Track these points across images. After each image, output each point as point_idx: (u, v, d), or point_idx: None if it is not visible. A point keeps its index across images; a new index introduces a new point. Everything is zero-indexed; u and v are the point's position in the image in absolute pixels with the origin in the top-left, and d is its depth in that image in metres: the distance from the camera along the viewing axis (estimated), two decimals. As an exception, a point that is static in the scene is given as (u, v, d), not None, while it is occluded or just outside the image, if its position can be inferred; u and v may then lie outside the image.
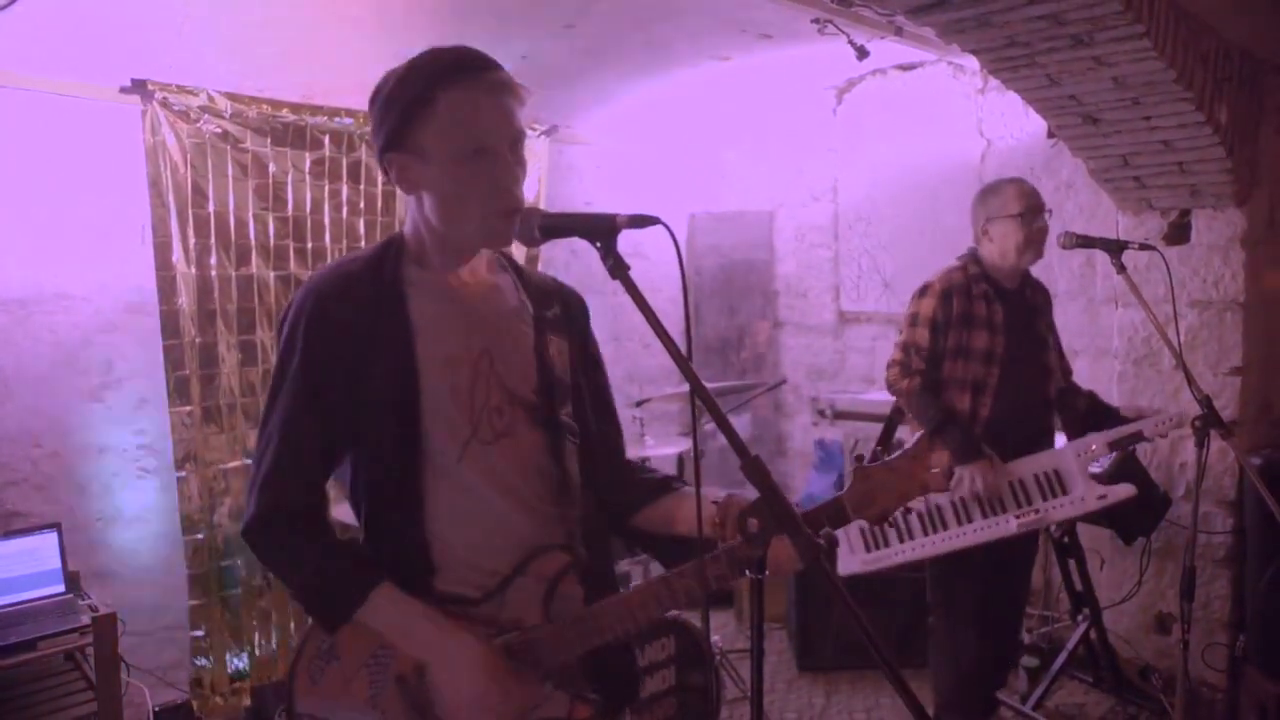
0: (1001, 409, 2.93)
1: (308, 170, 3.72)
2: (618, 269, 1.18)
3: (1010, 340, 2.94)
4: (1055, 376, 3.08)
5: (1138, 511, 3.32)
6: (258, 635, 3.69)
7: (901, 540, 2.94)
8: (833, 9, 3.24)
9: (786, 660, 4.16)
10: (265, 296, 3.65)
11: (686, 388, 1.18)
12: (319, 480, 1.46)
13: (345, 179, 3.85)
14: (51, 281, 3.29)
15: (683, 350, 1.16)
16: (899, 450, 1.42)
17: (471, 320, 1.46)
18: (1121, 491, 2.88)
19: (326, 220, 3.81)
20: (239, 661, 3.65)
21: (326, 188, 3.79)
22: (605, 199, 5.03)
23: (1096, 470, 3.15)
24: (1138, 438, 2.94)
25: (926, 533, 2.92)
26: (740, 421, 5.29)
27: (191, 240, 3.42)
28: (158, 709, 3.28)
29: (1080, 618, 3.63)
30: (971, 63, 3.47)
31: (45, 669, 2.92)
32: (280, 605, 3.75)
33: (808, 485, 4.99)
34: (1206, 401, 2.43)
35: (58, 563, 3.08)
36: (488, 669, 1.36)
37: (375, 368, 1.40)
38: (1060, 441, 3.14)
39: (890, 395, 3.15)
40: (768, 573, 1.19)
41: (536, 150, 4.53)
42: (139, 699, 3.26)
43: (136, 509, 3.49)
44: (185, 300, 3.41)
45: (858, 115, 4.95)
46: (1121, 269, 2.61)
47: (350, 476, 1.46)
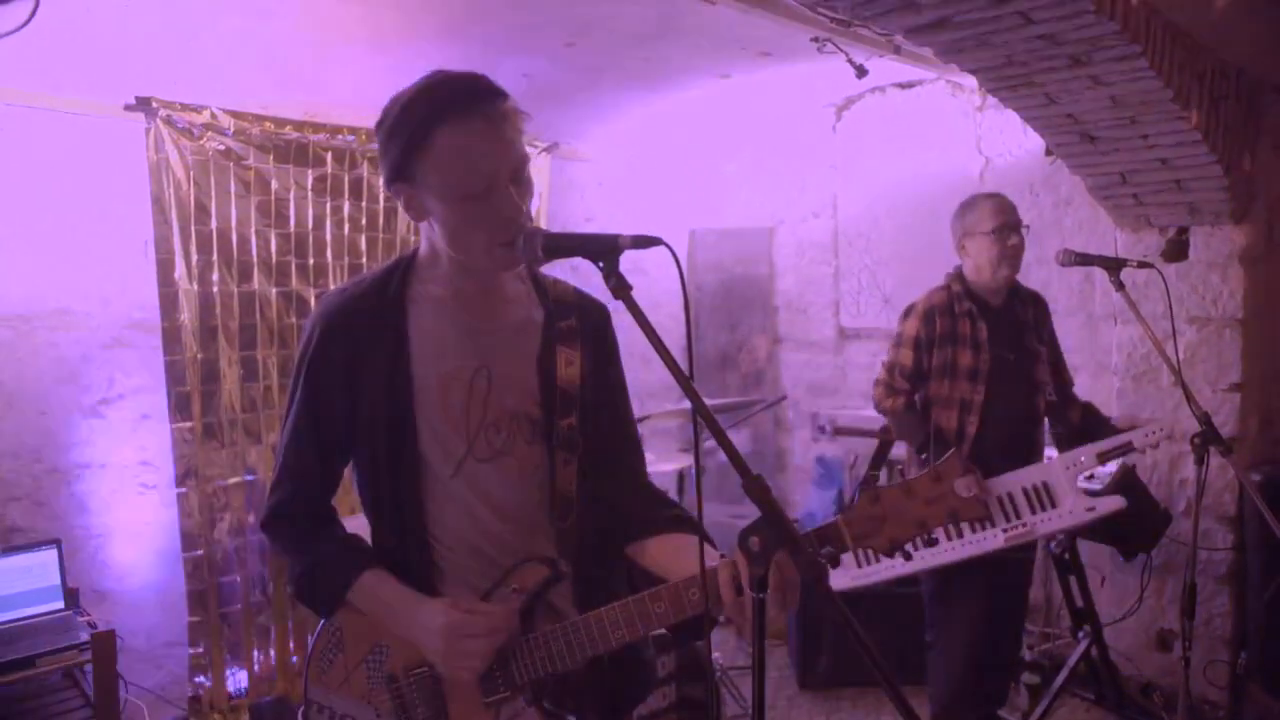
0: (989, 426, 2.96)
1: (310, 187, 3.74)
2: (620, 289, 1.19)
3: (995, 357, 2.96)
4: (1045, 390, 3.08)
5: (1138, 528, 3.32)
6: (257, 652, 3.68)
7: (878, 558, 2.96)
8: (832, 28, 3.26)
9: (787, 677, 4.15)
10: (267, 313, 3.66)
11: (687, 404, 1.19)
12: (323, 486, 1.56)
13: (347, 196, 3.86)
14: (54, 297, 3.30)
15: (684, 368, 1.16)
16: (919, 470, 1.29)
17: (472, 336, 1.47)
18: (1110, 504, 2.88)
19: (328, 236, 3.82)
20: (238, 679, 3.63)
21: (328, 204, 3.81)
22: (606, 215, 5.05)
23: (1097, 487, 3.15)
24: (1127, 448, 2.94)
25: (916, 547, 2.92)
26: (740, 437, 5.29)
27: (194, 256, 3.43)
28: (156, 726, 3.27)
29: (1081, 635, 3.62)
30: (970, 81, 3.49)
31: (43, 686, 2.91)
32: (279, 622, 3.74)
33: (807, 501, 4.99)
34: (1206, 418, 2.44)
35: (57, 579, 3.08)
36: (443, 628, 1.39)
37: (372, 384, 1.45)
38: (1050, 455, 3.15)
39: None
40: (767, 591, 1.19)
41: (538, 166, 4.54)
42: (137, 716, 3.25)
43: (136, 525, 3.49)
44: (187, 316, 3.42)
45: (857, 132, 4.97)
46: (1120, 286, 2.62)
47: (357, 485, 1.54)
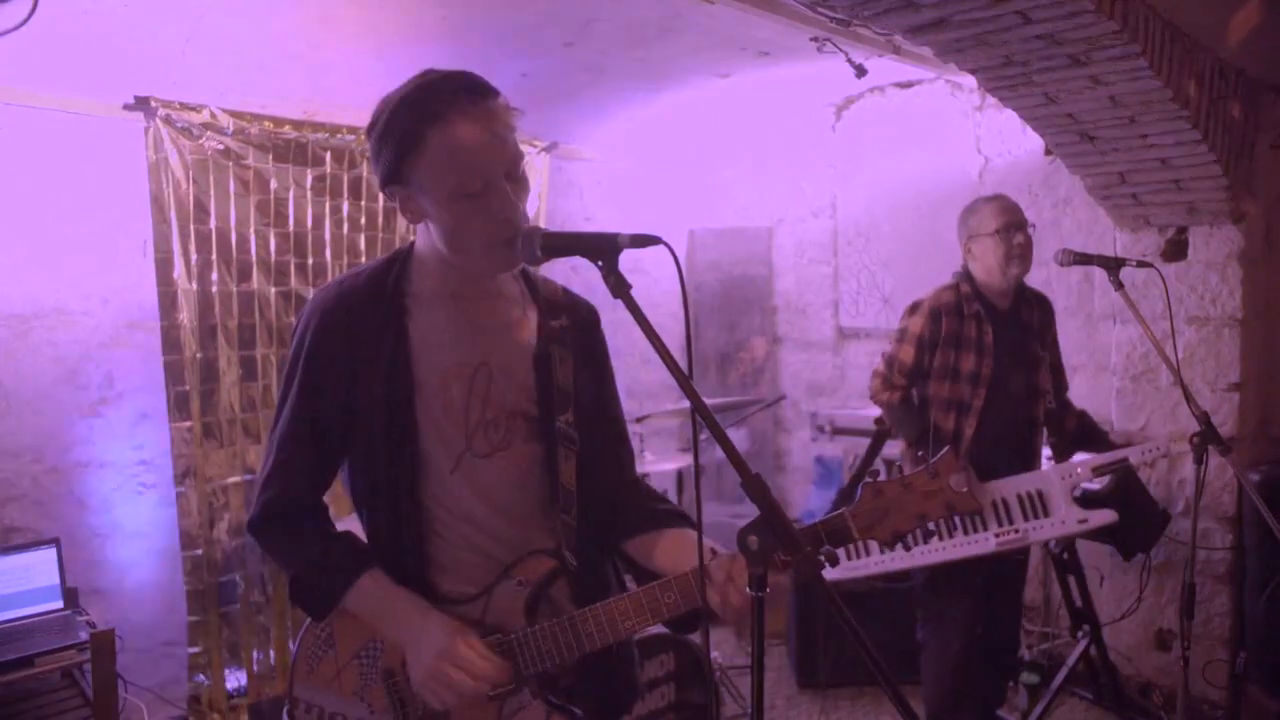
0: (986, 430, 2.96)
1: (309, 186, 3.73)
2: (619, 288, 1.19)
3: (999, 362, 2.96)
4: (1045, 397, 3.09)
5: (1137, 528, 3.33)
6: (256, 652, 3.67)
7: (881, 550, 2.97)
8: (831, 28, 3.26)
9: (786, 677, 4.15)
10: (266, 312, 3.66)
11: (687, 404, 1.19)
12: (316, 483, 1.53)
13: (346, 195, 3.86)
14: (52, 296, 3.30)
15: (683, 368, 1.16)
16: (922, 465, 1.33)
17: (470, 333, 1.47)
18: (1102, 517, 2.93)
19: (327, 236, 3.82)
20: (237, 678, 3.63)
21: (327, 204, 3.81)
22: (605, 215, 5.05)
23: (1095, 486, 3.16)
24: (1124, 464, 2.97)
25: (915, 541, 2.94)
26: (739, 437, 5.29)
27: (193, 256, 3.43)
28: (155, 726, 3.27)
29: (1080, 634, 3.62)
30: (969, 80, 3.50)
31: (42, 686, 2.91)
32: (279, 621, 3.74)
33: (806, 501, 4.99)
34: (1205, 418, 2.44)
35: (56, 579, 3.08)
36: (445, 643, 1.37)
37: (372, 380, 1.43)
38: (1046, 461, 3.17)
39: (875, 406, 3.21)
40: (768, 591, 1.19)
41: (536, 166, 4.55)
42: (136, 716, 3.25)
43: (135, 525, 3.49)
44: (186, 316, 3.42)
45: (856, 132, 4.97)
46: (1119, 286, 2.62)
47: (350, 482, 1.51)
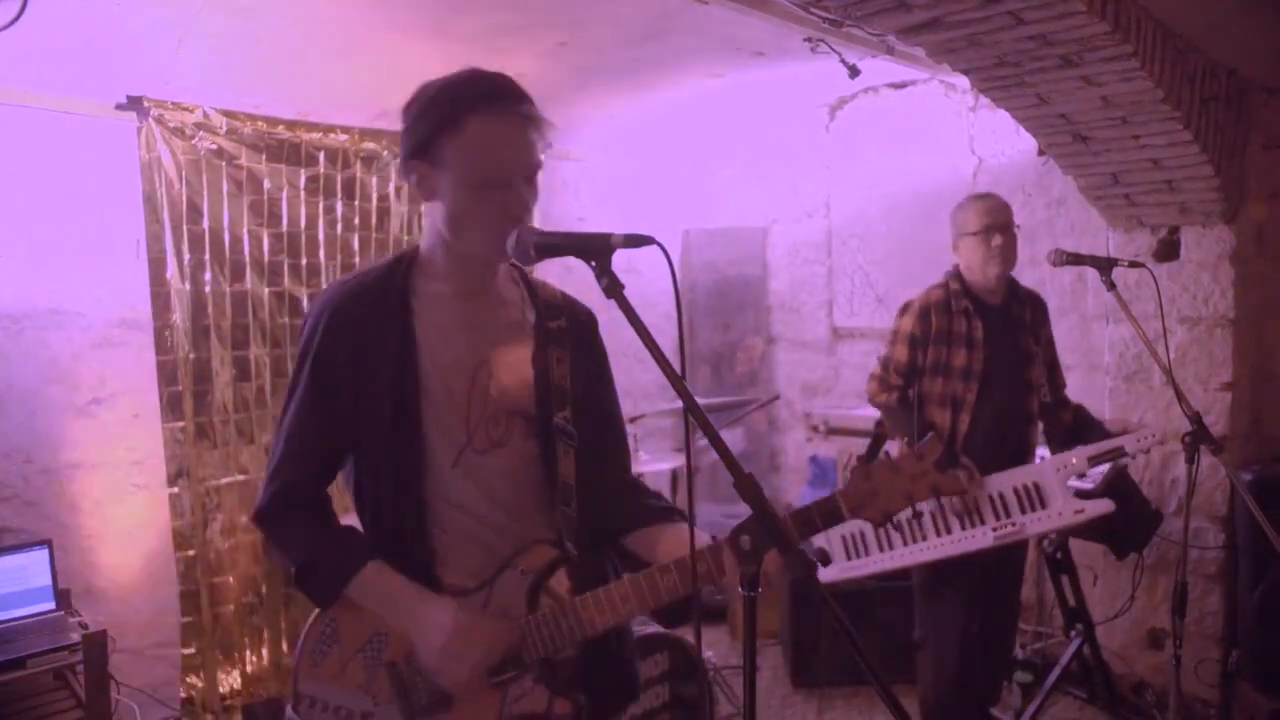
0: (980, 425, 2.98)
1: (302, 186, 3.73)
2: (612, 288, 1.19)
3: (990, 356, 2.98)
4: (1038, 391, 3.10)
5: (1130, 527, 3.33)
6: (249, 653, 3.67)
7: (881, 549, 2.98)
8: (825, 28, 3.26)
9: (780, 676, 4.15)
10: (259, 312, 3.65)
11: (681, 404, 1.19)
12: (322, 475, 1.56)
13: (339, 195, 3.86)
14: (45, 297, 3.29)
15: (677, 368, 1.17)
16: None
17: (473, 332, 1.52)
18: (1099, 507, 2.90)
19: (321, 236, 3.82)
20: (230, 679, 3.62)
21: (321, 204, 3.80)
22: (599, 215, 5.05)
23: (1089, 485, 3.17)
24: (1119, 453, 2.97)
25: (906, 543, 2.97)
26: (734, 436, 5.29)
27: (186, 256, 3.43)
28: (148, 727, 3.26)
29: (1073, 633, 3.63)
30: (963, 81, 3.50)
31: (34, 687, 2.90)
32: (272, 622, 3.73)
33: (801, 500, 4.99)
34: (1196, 418, 2.44)
35: (48, 580, 3.07)
36: (455, 628, 1.42)
37: (380, 375, 1.47)
38: (1042, 456, 3.17)
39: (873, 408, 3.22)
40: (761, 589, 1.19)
41: (531, 167, 4.54)
42: (129, 717, 3.24)
43: (128, 525, 3.48)
44: (179, 316, 3.41)
45: (850, 132, 4.98)
46: (1111, 286, 2.63)
47: (354, 476, 1.54)
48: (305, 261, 3.78)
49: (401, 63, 3.52)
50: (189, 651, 3.47)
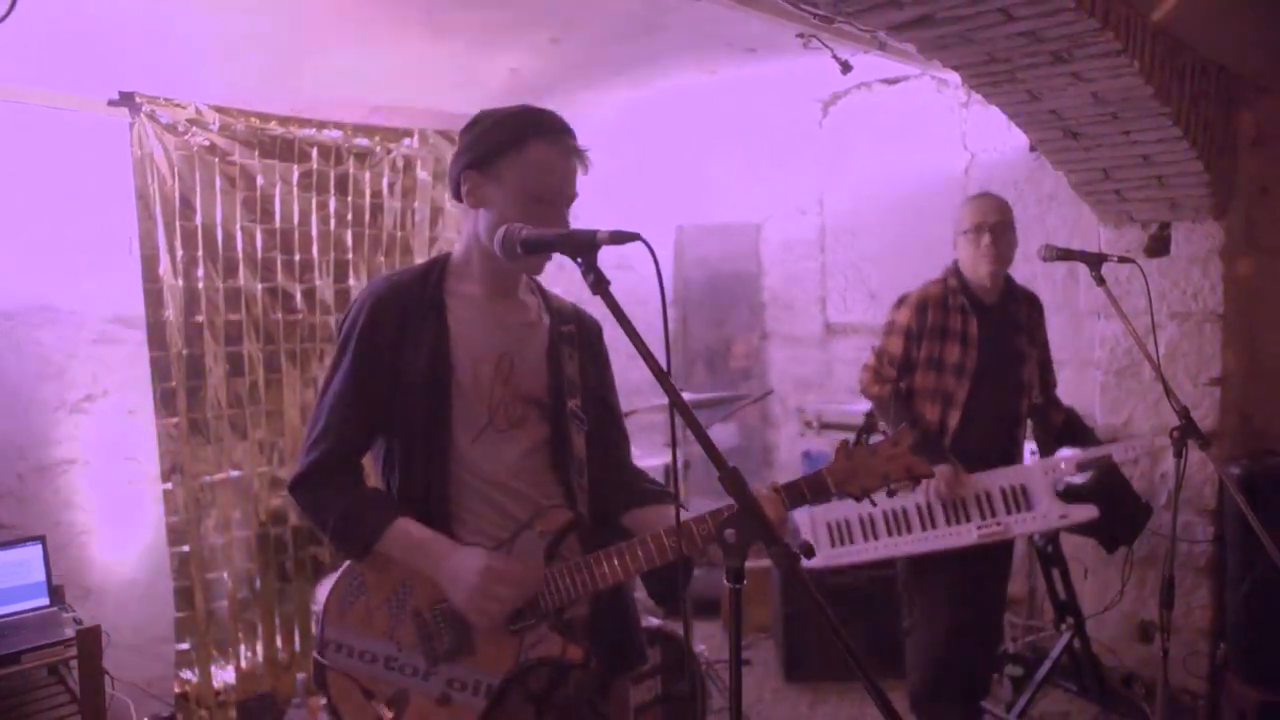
0: (969, 422, 3.00)
1: (295, 183, 3.73)
2: (598, 284, 1.21)
3: (983, 355, 2.99)
4: (1029, 392, 3.12)
5: (1120, 521, 3.36)
6: (244, 648, 3.68)
7: (866, 539, 3.02)
8: (816, 24, 3.27)
9: (773, 670, 4.17)
10: (253, 308, 3.65)
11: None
12: (358, 446, 1.72)
13: (333, 191, 3.85)
14: (37, 293, 3.28)
15: (663, 363, 1.18)
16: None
17: (498, 328, 1.71)
18: (1082, 513, 2.99)
19: (314, 232, 3.81)
20: (225, 675, 3.63)
21: (314, 200, 3.80)
22: (592, 212, 5.01)
23: (1079, 480, 3.19)
24: (1106, 461, 3.02)
25: (891, 534, 3.02)
26: (727, 432, 5.31)
27: (179, 252, 3.43)
28: (142, 722, 3.26)
29: (1064, 627, 3.66)
30: (955, 77, 3.51)
31: (29, 682, 2.90)
32: (267, 618, 3.74)
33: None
34: (1184, 412, 2.46)
35: (42, 575, 3.07)
36: (484, 561, 1.57)
37: (417, 360, 1.65)
38: (1029, 456, 3.21)
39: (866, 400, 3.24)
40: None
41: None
42: (124, 713, 3.24)
43: (122, 521, 3.48)
44: (172, 312, 3.41)
45: (843, 128, 4.99)
46: (1101, 281, 2.64)
47: (384, 451, 1.71)
48: (298, 257, 3.77)
49: (394, 59, 3.53)
50: (183, 647, 3.48)
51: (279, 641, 3.77)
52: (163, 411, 3.41)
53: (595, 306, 1.74)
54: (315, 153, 3.78)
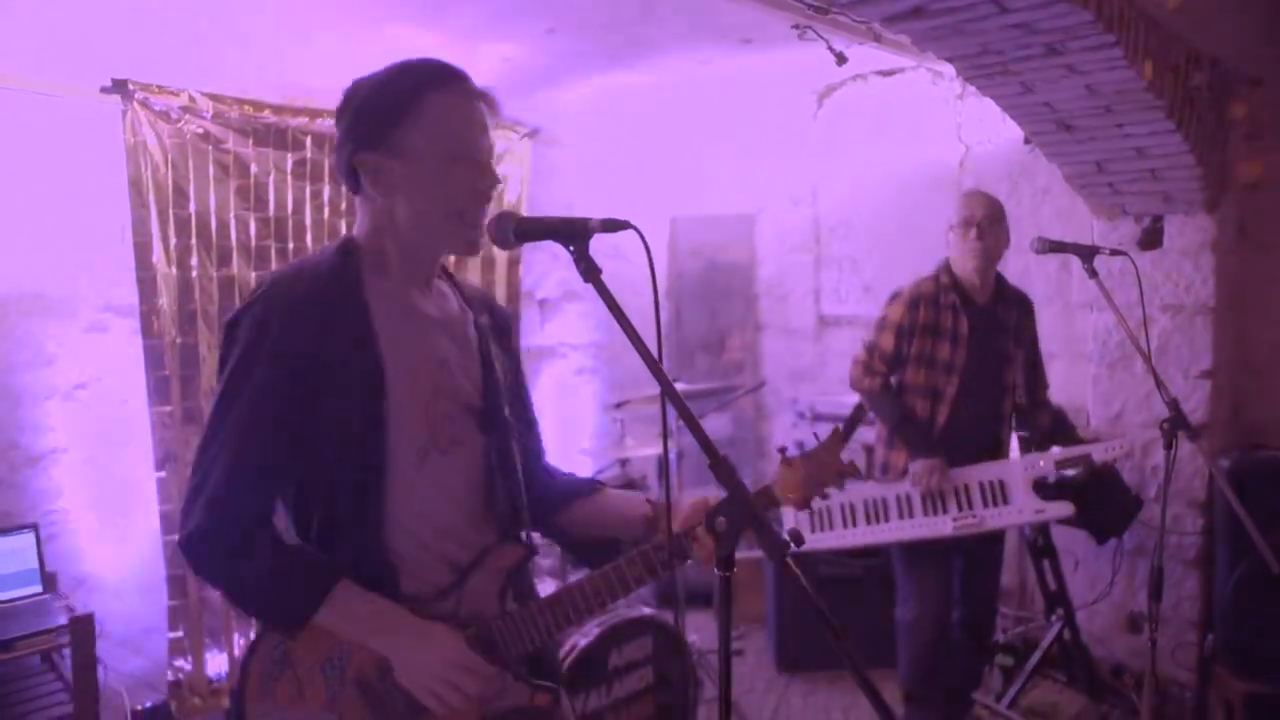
0: (956, 419, 3.05)
1: (289, 171, 3.72)
2: (590, 273, 1.21)
3: (972, 354, 3.03)
4: (1014, 392, 3.16)
5: (1110, 513, 3.38)
6: (237, 636, 3.68)
7: (845, 526, 3.06)
8: (811, 15, 3.27)
9: (766, 660, 4.19)
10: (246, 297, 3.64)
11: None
12: (272, 493, 1.41)
13: (327, 180, 3.85)
14: (29, 281, 3.27)
15: (654, 352, 1.18)
16: (815, 443, 1.56)
17: (427, 330, 1.48)
18: (1058, 510, 3.05)
19: (308, 221, 3.81)
20: (219, 663, 3.63)
21: (308, 189, 3.79)
22: (587, 202, 5.04)
23: (1070, 472, 3.21)
24: (1086, 460, 3.06)
25: (869, 522, 3.07)
26: (720, 423, 5.32)
27: (172, 240, 3.42)
28: (135, 711, 3.27)
29: (1054, 617, 3.68)
30: (950, 69, 3.51)
31: (21, 670, 2.91)
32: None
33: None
34: (1174, 404, 2.47)
35: (35, 563, 3.08)
36: (454, 652, 1.39)
37: (343, 377, 1.38)
38: (1014, 455, 3.25)
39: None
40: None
41: (518, 153, 4.54)
42: (117, 701, 3.25)
43: (115, 510, 3.48)
44: (165, 301, 3.40)
45: (838, 120, 4.99)
46: (1093, 273, 2.64)
47: (298, 491, 1.42)
48: (293, 246, 3.77)
49: (390, 46, 3.51)
50: (177, 635, 3.48)
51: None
52: (156, 400, 3.40)
53: (576, 299, 1.74)
54: (309, 141, 3.77)
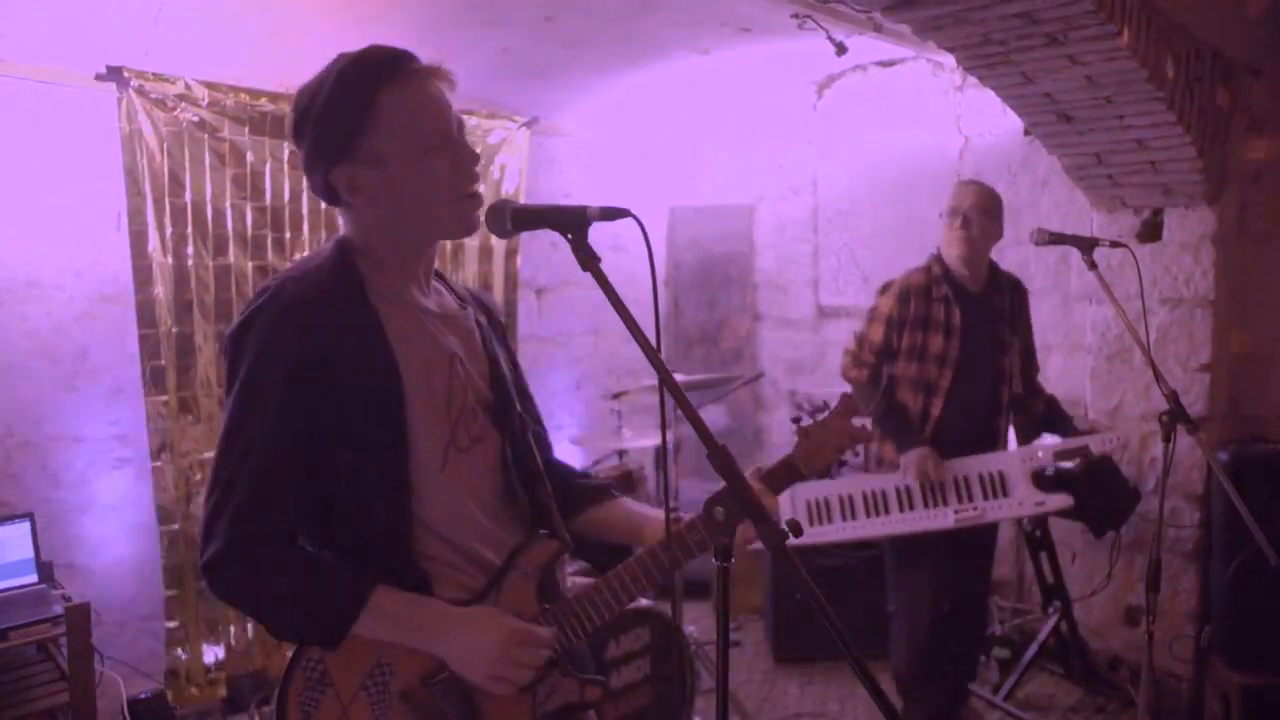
0: (952, 410, 3.04)
1: (286, 160, 3.70)
2: (588, 261, 1.20)
3: (965, 344, 3.03)
4: (1011, 381, 3.15)
5: (1108, 505, 3.38)
6: (233, 626, 3.68)
7: (845, 519, 3.06)
8: (812, 4, 3.25)
9: (763, 652, 4.19)
10: (243, 286, 3.63)
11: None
12: (294, 511, 1.36)
13: (324, 169, 3.82)
14: (24, 269, 3.26)
15: (653, 342, 1.17)
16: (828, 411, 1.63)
17: (433, 326, 1.46)
18: (1058, 501, 3.04)
19: (304, 210, 3.79)
20: (215, 652, 3.63)
21: (304, 177, 3.76)
22: (586, 192, 5.03)
23: (1068, 465, 3.22)
24: (1084, 451, 3.06)
25: (869, 515, 3.05)
26: (718, 414, 5.32)
27: (168, 229, 3.40)
28: (132, 700, 3.26)
29: (1051, 610, 3.69)
30: (950, 60, 3.49)
31: (17, 659, 2.91)
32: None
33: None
34: (1173, 397, 2.46)
35: (30, 553, 3.07)
36: (505, 629, 1.38)
37: (359, 378, 1.35)
38: (1011, 444, 3.25)
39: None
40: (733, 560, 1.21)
41: (517, 142, 4.52)
42: (113, 690, 3.25)
43: (111, 499, 3.47)
44: (161, 290, 3.39)
45: (838, 110, 4.97)
46: (1093, 266, 2.64)
47: (321, 501, 1.38)
48: (289, 235, 3.75)
49: (386, 33, 3.49)
50: (173, 625, 3.48)
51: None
52: (151, 389, 3.39)
53: (573, 288, 1.73)
54: (306, 130, 3.74)
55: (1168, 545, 3.48)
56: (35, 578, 3.06)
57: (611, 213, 1.20)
